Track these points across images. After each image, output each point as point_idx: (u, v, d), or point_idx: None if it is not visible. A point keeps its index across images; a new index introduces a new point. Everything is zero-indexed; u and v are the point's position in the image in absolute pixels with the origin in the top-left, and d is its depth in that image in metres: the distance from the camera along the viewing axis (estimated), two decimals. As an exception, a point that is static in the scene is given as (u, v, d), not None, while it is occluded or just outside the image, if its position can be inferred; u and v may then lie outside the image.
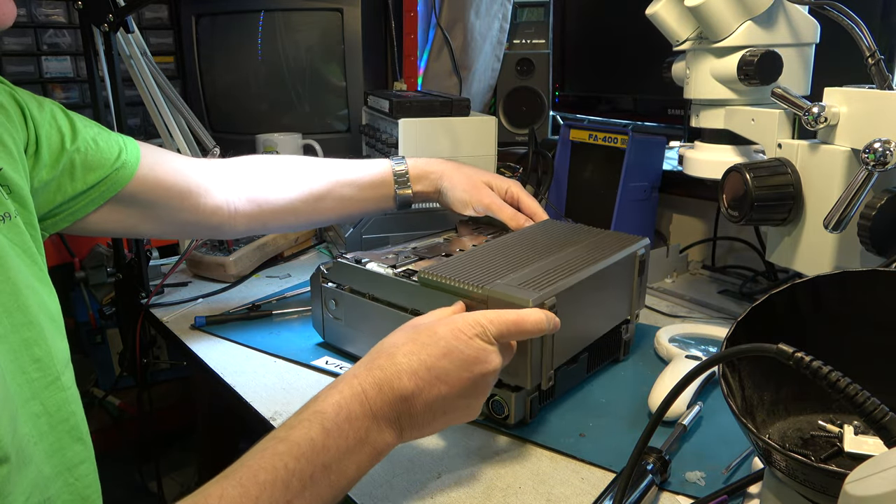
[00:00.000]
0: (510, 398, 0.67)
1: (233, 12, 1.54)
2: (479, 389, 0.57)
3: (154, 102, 1.09)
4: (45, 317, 0.60)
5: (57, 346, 0.60)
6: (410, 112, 1.13)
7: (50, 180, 0.68)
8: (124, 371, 1.43)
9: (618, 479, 0.57)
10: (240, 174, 0.89)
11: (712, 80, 0.86)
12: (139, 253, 1.05)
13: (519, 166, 1.36)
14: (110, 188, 0.73)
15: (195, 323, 0.95)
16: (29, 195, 0.63)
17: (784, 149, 0.78)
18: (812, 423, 0.53)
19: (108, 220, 0.75)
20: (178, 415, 1.59)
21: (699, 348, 0.84)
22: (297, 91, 1.56)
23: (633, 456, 0.51)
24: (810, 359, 0.38)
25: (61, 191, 0.70)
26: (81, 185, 0.71)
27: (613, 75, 1.40)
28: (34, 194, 0.65)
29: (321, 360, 0.84)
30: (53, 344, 0.60)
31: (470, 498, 0.60)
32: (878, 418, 0.36)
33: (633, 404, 0.74)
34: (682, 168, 0.96)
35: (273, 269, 1.20)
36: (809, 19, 0.83)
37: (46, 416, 0.56)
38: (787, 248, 0.79)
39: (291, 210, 0.89)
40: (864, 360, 0.49)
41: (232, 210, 0.86)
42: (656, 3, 0.89)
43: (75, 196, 0.71)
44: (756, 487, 0.56)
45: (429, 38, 1.57)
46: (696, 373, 0.46)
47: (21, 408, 0.54)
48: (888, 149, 0.63)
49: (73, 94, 1.63)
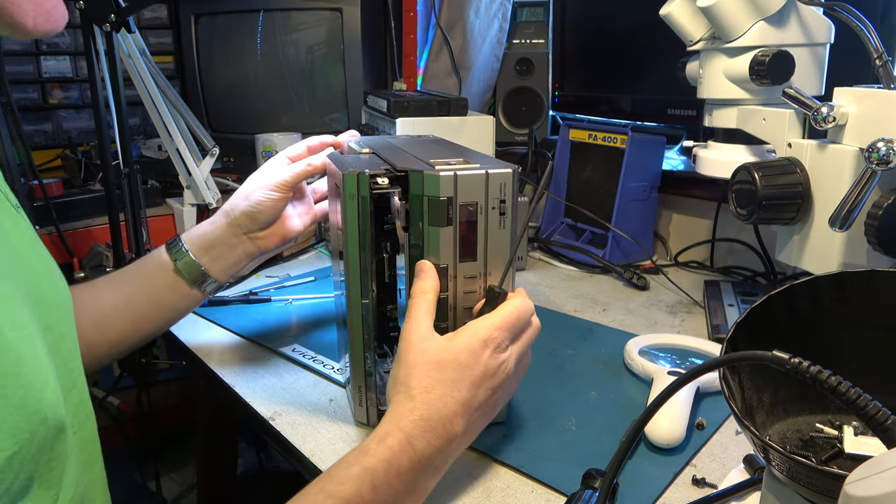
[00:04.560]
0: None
1: (232, 12, 1.54)
2: (506, 393, 0.59)
3: (153, 102, 1.09)
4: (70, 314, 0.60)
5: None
6: (408, 112, 1.13)
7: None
8: (124, 371, 1.42)
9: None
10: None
11: (725, 80, 0.86)
12: (139, 253, 1.05)
13: (519, 166, 1.36)
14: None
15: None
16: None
17: (794, 148, 0.78)
18: (811, 424, 0.53)
19: None
20: (177, 415, 1.58)
21: (669, 359, 0.82)
22: (297, 91, 1.56)
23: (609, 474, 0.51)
24: (808, 364, 0.38)
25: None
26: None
27: (613, 75, 1.40)
28: None
29: (289, 348, 0.87)
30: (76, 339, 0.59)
31: (470, 498, 0.60)
32: (881, 421, 0.36)
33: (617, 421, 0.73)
34: (694, 167, 0.97)
35: (272, 269, 1.20)
36: (823, 19, 0.83)
37: (82, 406, 0.56)
38: (796, 248, 0.79)
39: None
40: (863, 361, 0.49)
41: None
42: (670, 3, 0.89)
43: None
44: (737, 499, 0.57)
45: (428, 37, 1.57)
46: (691, 376, 0.45)
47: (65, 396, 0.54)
48: (891, 148, 0.63)
49: (72, 94, 1.63)
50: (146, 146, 1.57)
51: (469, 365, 0.55)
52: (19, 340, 0.43)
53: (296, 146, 0.82)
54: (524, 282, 1.15)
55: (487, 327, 0.57)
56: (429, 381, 0.55)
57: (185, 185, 1.22)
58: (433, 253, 0.61)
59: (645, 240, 1.22)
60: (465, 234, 0.60)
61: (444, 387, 0.54)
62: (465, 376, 0.55)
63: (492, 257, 0.62)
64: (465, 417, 0.54)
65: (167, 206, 1.40)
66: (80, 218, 1.33)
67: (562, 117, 1.49)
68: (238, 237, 0.79)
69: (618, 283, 1.14)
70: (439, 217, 0.60)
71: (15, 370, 0.41)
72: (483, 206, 0.60)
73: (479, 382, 0.55)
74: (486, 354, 0.56)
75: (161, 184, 1.45)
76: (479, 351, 0.56)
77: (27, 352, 0.43)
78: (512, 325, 0.58)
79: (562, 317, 0.99)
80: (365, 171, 0.62)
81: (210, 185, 1.21)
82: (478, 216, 0.60)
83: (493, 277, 0.62)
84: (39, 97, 1.59)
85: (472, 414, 0.55)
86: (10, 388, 0.41)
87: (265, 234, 0.79)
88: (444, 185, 0.59)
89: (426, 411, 0.53)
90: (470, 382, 0.55)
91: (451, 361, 0.55)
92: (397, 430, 0.52)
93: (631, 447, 0.49)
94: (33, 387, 0.43)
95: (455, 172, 0.59)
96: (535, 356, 0.86)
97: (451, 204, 0.59)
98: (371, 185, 0.61)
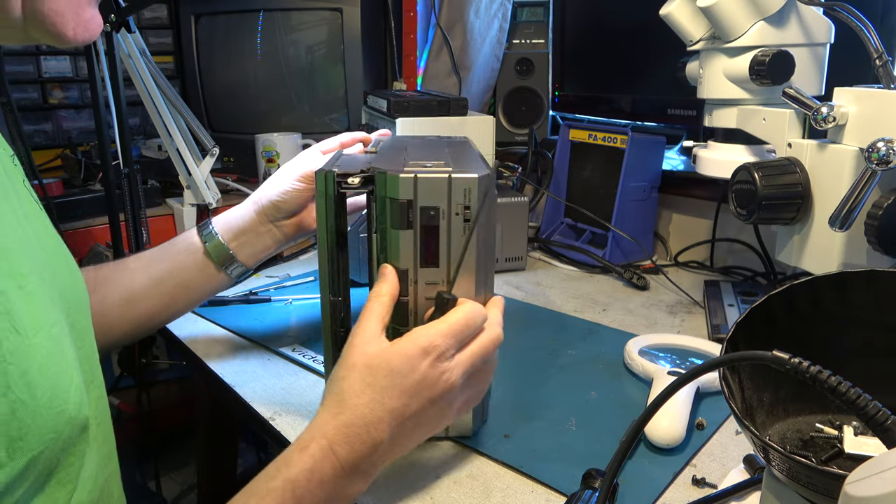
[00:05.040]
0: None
1: (232, 12, 1.54)
2: (448, 405, 0.56)
3: (153, 102, 1.09)
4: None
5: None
6: (408, 112, 1.13)
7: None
8: (124, 371, 1.43)
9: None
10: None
11: (725, 80, 0.87)
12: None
13: (519, 166, 1.36)
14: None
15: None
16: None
17: (794, 148, 0.78)
18: (811, 424, 0.53)
19: None
20: (177, 415, 1.58)
21: (669, 359, 0.82)
22: (297, 91, 1.56)
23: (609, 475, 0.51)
24: (808, 364, 0.38)
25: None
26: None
27: (613, 75, 1.40)
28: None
29: (288, 348, 0.87)
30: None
31: (470, 498, 0.60)
32: (881, 421, 0.36)
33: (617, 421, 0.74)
34: (694, 167, 0.97)
35: (272, 269, 1.20)
36: (823, 19, 0.83)
37: (102, 400, 0.56)
38: (796, 248, 0.79)
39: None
40: (863, 360, 0.49)
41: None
42: (670, 3, 0.89)
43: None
44: (737, 499, 0.57)
45: (428, 37, 1.57)
46: (691, 376, 0.45)
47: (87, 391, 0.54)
48: (891, 148, 0.63)
49: (72, 94, 1.63)
50: (146, 146, 1.57)
51: (403, 372, 0.52)
52: (47, 340, 0.43)
53: (330, 140, 0.83)
54: (524, 282, 1.15)
55: (430, 334, 0.54)
56: (360, 385, 0.53)
57: (185, 185, 1.22)
58: (393, 256, 0.59)
59: (645, 240, 1.22)
60: (426, 238, 0.59)
61: (374, 392, 0.52)
62: (396, 383, 0.52)
63: (455, 264, 0.60)
64: (392, 426, 0.52)
65: (167, 206, 1.40)
66: (80, 218, 1.33)
67: (562, 117, 1.49)
68: (265, 225, 0.80)
69: (618, 283, 1.14)
70: (399, 219, 0.58)
71: (42, 371, 0.41)
72: (445, 211, 0.58)
73: (414, 391, 0.53)
74: (425, 363, 0.53)
75: (161, 184, 1.45)
76: (417, 358, 0.53)
77: (55, 351, 0.43)
78: (458, 333, 0.55)
79: (562, 317, 0.99)
80: (333, 170, 0.61)
81: (210, 185, 1.21)
82: (439, 221, 0.58)
83: (459, 284, 0.60)
84: (39, 97, 1.59)
85: (405, 423, 0.53)
86: (38, 389, 0.41)
87: (290, 223, 0.80)
88: (404, 187, 0.57)
89: (351, 416, 0.52)
90: (401, 390, 0.52)
91: (383, 367, 0.53)
92: (320, 437, 0.51)
93: (631, 447, 0.49)
94: (59, 386, 0.43)
95: (416, 174, 0.57)
96: (535, 356, 0.86)
97: (410, 207, 0.58)
98: (342, 184, 0.61)
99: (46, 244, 0.52)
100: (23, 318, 0.41)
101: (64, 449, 0.44)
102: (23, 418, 0.39)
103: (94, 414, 0.53)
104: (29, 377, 0.40)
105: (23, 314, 0.41)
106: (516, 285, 1.13)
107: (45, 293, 0.46)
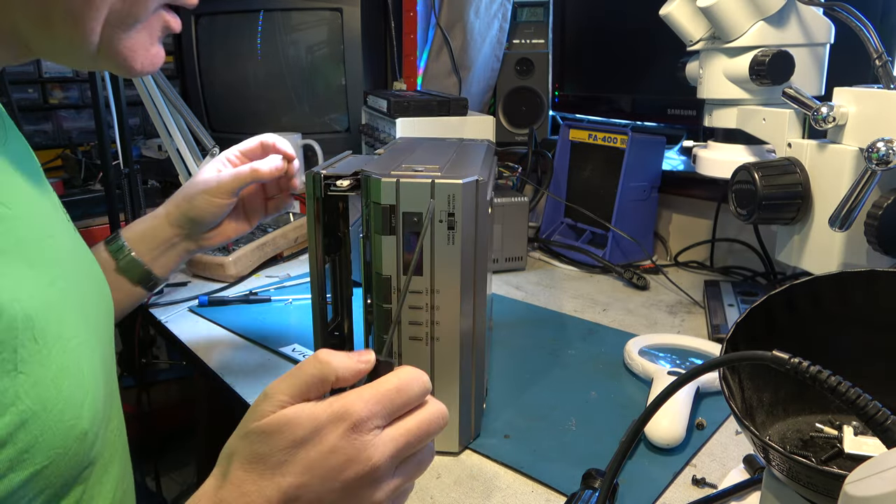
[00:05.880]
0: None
1: (232, 12, 1.54)
2: (368, 496, 0.43)
3: (153, 102, 1.09)
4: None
5: None
6: (408, 112, 1.13)
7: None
8: (124, 371, 1.43)
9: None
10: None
11: (725, 80, 0.87)
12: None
13: (519, 166, 1.36)
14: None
15: (198, 301, 1.01)
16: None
17: (794, 148, 0.78)
18: (811, 424, 0.53)
19: None
20: (177, 415, 1.58)
21: (669, 359, 0.82)
22: (297, 91, 1.55)
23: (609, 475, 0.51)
24: (808, 364, 0.38)
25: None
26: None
27: (613, 75, 1.40)
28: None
29: (289, 348, 0.88)
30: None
31: (470, 498, 0.60)
32: (881, 421, 0.36)
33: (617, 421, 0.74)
34: (694, 167, 0.97)
35: (272, 269, 1.20)
36: (823, 20, 0.83)
37: (118, 412, 0.56)
38: (796, 248, 0.79)
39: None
40: (863, 361, 0.49)
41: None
42: (670, 3, 0.89)
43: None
44: (737, 499, 0.57)
45: (428, 37, 1.57)
46: (691, 376, 0.45)
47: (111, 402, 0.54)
48: (891, 148, 0.63)
49: (72, 94, 1.62)
50: (146, 146, 1.57)
51: (306, 441, 0.41)
52: (62, 353, 0.42)
53: (249, 141, 0.81)
54: (524, 282, 1.15)
55: (349, 400, 0.42)
56: (249, 455, 0.42)
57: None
58: (377, 261, 0.58)
59: (645, 240, 1.22)
60: (409, 245, 0.57)
61: (266, 467, 0.41)
62: (298, 457, 0.41)
63: (439, 274, 0.58)
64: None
65: (167, 206, 1.40)
66: (80, 218, 1.33)
67: (562, 117, 1.49)
68: (179, 236, 0.78)
69: (618, 283, 1.14)
70: (381, 224, 0.57)
71: (56, 383, 0.41)
72: (428, 217, 0.57)
73: (317, 467, 0.41)
74: (335, 432, 0.41)
75: (161, 184, 1.45)
76: (327, 425, 0.41)
77: (70, 364, 0.43)
78: (387, 402, 0.42)
79: (562, 317, 0.99)
80: (321, 172, 0.61)
81: (210, 185, 1.21)
82: (422, 228, 0.57)
83: (443, 295, 0.58)
84: (39, 97, 1.59)
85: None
86: (49, 402, 0.40)
87: (211, 235, 0.79)
88: (386, 191, 0.56)
89: (231, 493, 0.41)
90: (303, 465, 0.41)
91: (285, 434, 0.41)
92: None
93: (631, 447, 0.49)
94: (73, 401, 0.42)
95: (398, 179, 0.56)
96: (535, 356, 0.86)
97: (393, 212, 0.56)
98: (331, 186, 0.60)
99: (79, 255, 0.52)
100: (47, 326, 0.40)
101: (73, 466, 0.43)
102: (32, 430, 0.39)
103: (118, 424, 0.52)
104: (40, 388, 0.39)
105: (48, 321, 0.41)
106: (516, 285, 1.13)
107: (69, 304, 0.45)
